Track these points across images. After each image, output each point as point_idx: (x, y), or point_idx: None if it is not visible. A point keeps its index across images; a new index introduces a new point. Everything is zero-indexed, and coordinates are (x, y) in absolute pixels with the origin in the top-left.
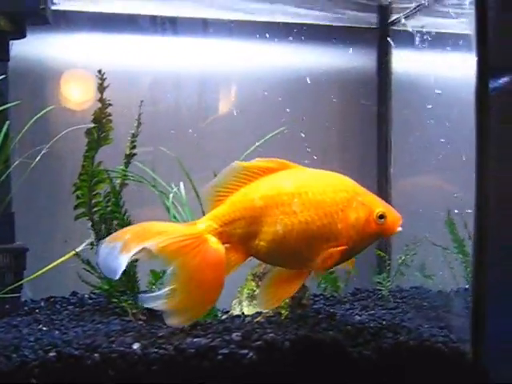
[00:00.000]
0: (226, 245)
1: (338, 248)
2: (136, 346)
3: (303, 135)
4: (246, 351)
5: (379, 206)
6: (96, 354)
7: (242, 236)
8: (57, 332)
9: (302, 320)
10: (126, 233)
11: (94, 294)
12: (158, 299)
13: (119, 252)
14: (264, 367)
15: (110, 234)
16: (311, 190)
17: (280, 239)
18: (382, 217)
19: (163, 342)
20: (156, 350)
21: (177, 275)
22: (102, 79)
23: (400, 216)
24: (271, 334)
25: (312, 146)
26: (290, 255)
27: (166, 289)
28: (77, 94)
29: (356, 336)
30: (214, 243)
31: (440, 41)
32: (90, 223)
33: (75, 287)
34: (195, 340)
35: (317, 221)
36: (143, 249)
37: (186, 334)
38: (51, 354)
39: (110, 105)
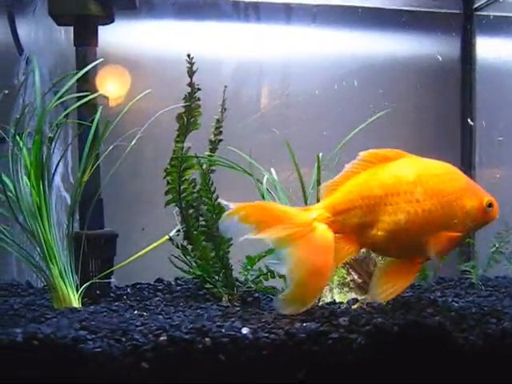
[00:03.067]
0: (339, 234)
1: (456, 234)
2: (245, 330)
3: (385, 123)
4: (355, 336)
5: (486, 194)
6: (207, 339)
7: (356, 225)
8: (161, 317)
9: (405, 306)
10: (246, 206)
11: (180, 280)
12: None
13: (237, 221)
14: (374, 352)
15: (198, 219)
16: (431, 178)
17: (401, 228)
18: (490, 205)
19: (272, 326)
20: (266, 334)
21: (288, 262)
22: (191, 63)
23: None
24: (379, 319)
25: (394, 134)
26: (407, 245)
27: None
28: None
29: (460, 322)
30: (323, 231)
31: None
32: (178, 209)
33: (152, 274)
34: (305, 325)
35: (439, 209)
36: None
37: (291, 319)
38: (162, 338)
39: (199, 89)
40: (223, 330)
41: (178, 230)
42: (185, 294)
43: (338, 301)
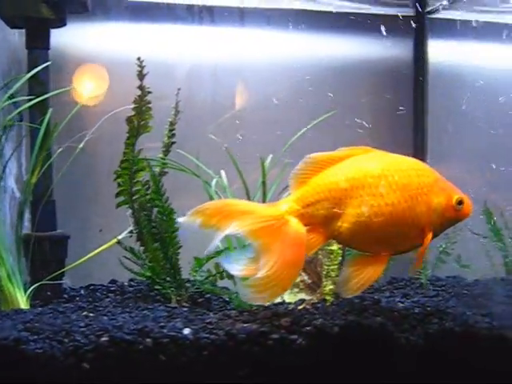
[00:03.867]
0: (307, 226)
1: (429, 236)
2: (187, 331)
3: (339, 125)
4: (295, 336)
5: (457, 192)
6: (148, 339)
7: (324, 217)
8: (105, 318)
9: (348, 306)
10: (206, 208)
11: (133, 281)
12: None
13: (199, 226)
14: (314, 352)
15: (150, 221)
16: (396, 173)
17: (364, 221)
18: (460, 203)
19: (214, 327)
20: (207, 335)
21: (261, 254)
22: (142, 66)
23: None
24: (320, 320)
25: (348, 136)
26: (371, 238)
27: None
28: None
29: (402, 322)
30: (295, 224)
31: (479, 30)
32: (130, 211)
33: (108, 275)
34: (245, 325)
35: (403, 203)
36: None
37: (234, 319)
38: (103, 339)
39: (149, 92)
40: (165, 331)
41: (131, 232)
42: (136, 295)
43: (287, 301)
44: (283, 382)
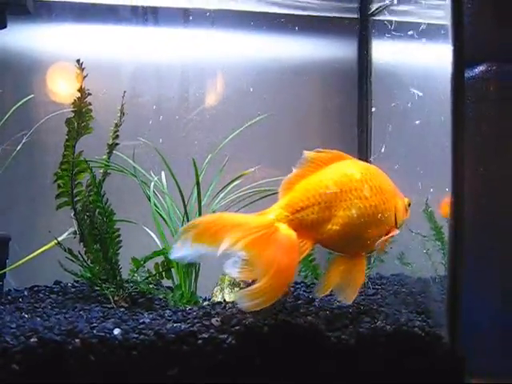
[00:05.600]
0: (296, 232)
1: (396, 231)
2: (117, 331)
3: (284, 126)
4: (225, 336)
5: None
6: (77, 340)
7: (313, 222)
8: (38, 319)
9: (281, 306)
10: (197, 224)
11: (77, 282)
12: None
13: (191, 242)
14: (243, 352)
15: (93, 222)
16: (373, 177)
17: (353, 222)
18: (409, 205)
19: (144, 327)
20: (136, 335)
21: (254, 264)
22: (81, 69)
23: None
24: (250, 319)
25: (293, 136)
26: (356, 238)
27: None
28: (63, 87)
29: (334, 321)
30: (285, 230)
31: (419, 31)
32: (73, 212)
33: (59, 276)
34: (175, 325)
35: (382, 204)
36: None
37: (166, 319)
38: (32, 340)
39: (89, 94)
40: (94, 331)
41: (75, 233)
42: (77, 296)
43: (228, 300)
44: (213, 381)
